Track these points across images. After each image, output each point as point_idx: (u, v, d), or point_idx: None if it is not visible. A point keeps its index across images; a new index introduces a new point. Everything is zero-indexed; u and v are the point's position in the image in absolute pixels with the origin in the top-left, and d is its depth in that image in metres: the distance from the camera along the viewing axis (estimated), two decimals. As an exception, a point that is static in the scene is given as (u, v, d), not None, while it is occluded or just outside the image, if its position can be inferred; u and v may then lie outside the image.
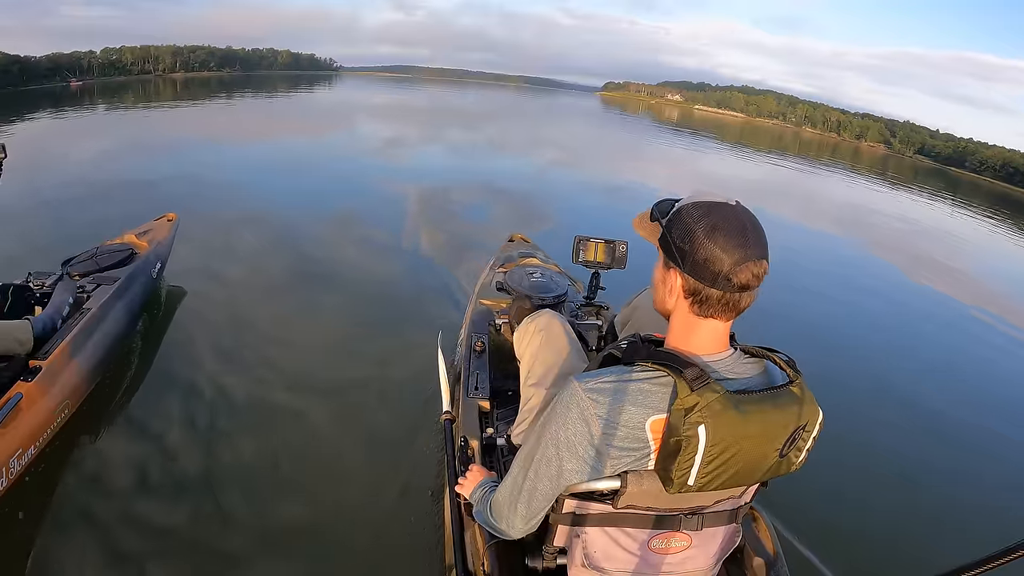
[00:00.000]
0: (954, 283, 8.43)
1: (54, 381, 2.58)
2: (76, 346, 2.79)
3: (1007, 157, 77.74)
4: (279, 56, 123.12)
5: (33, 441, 2.42)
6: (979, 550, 0.76)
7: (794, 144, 53.51)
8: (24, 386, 2.42)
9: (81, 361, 2.80)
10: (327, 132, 16.93)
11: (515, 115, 35.95)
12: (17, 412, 2.34)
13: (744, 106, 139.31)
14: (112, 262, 3.54)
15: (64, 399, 2.63)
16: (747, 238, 0.96)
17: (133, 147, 11.56)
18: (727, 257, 0.96)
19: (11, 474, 2.29)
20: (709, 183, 14.83)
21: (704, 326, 1.03)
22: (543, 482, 1.11)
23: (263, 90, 39.37)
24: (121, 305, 3.30)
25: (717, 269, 0.96)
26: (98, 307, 3.07)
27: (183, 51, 79.64)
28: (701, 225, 0.98)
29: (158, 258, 3.92)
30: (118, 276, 3.41)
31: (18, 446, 2.33)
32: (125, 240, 3.92)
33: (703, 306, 1.01)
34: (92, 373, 2.91)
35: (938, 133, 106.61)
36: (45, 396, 2.51)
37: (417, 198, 8.34)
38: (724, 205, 1.00)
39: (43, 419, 2.48)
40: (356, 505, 2.52)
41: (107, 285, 3.30)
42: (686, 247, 0.99)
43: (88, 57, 58.88)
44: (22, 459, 2.36)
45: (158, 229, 4.22)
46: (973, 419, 4.20)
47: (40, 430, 2.47)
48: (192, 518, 2.38)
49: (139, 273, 3.60)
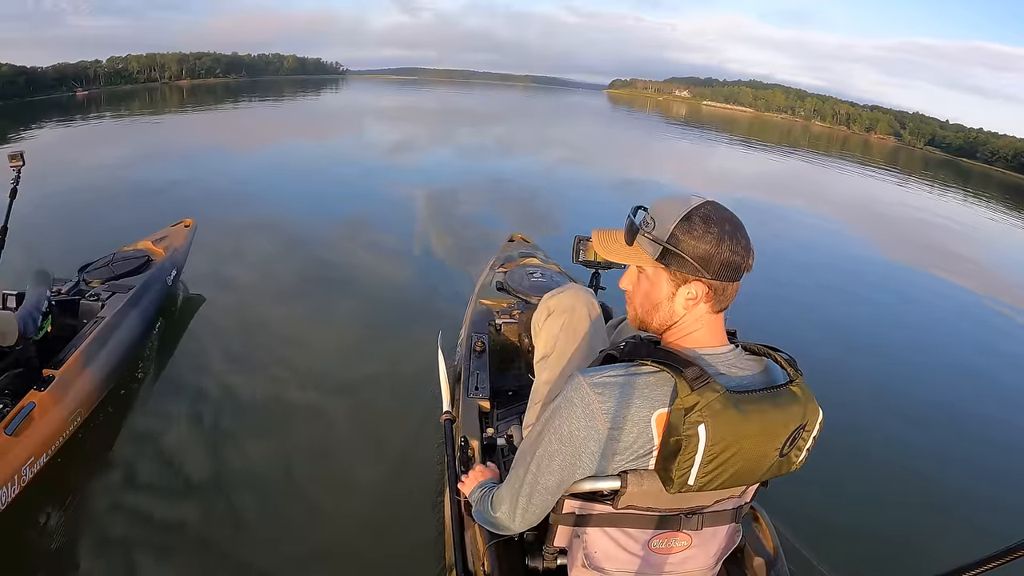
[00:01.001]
0: (962, 275, 8.29)
1: (67, 390, 2.60)
2: (89, 355, 2.80)
3: (1019, 147, 76.37)
4: (285, 61, 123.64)
5: (45, 449, 2.44)
6: (979, 550, 0.76)
7: (804, 138, 53.08)
8: (37, 395, 2.45)
9: (94, 370, 2.82)
10: (335, 136, 17.09)
11: (523, 115, 35.95)
12: (30, 421, 2.36)
13: (753, 101, 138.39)
14: (127, 269, 3.56)
15: (76, 407, 2.65)
16: (740, 229, 1.03)
17: (141, 155, 11.65)
18: (740, 251, 1.01)
19: (23, 481, 2.32)
20: (726, 181, 14.78)
21: (717, 321, 1.07)
22: (545, 476, 1.10)
23: (270, 95, 39.57)
24: (135, 313, 3.31)
25: (736, 266, 1.02)
26: (112, 315, 3.08)
27: (189, 58, 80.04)
28: (712, 232, 1.01)
29: (174, 265, 3.93)
30: (133, 284, 3.42)
31: (30, 454, 2.35)
32: (141, 247, 3.93)
33: (721, 302, 1.05)
34: (105, 381, 2.93)
35: (948, 124, 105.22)
36: (58, 405, 2.52)
37: (423, 201, 8.39)
38: (709, 205, 1.04)
39: (55, 427, 2.50)
40: (356, 505, 2.54)
41: (121, 293, 3.30)
42: (707, 255, 1.01)
43: (94, 67, 59.35)
44: (34, 467, 2.38)
45: (175, 235, 4.23)
46: (974, 418, 4.15)
47: (52, 438, 2.49)
48: (200, 520, 2.40)
49: (154, 281, 3.60)
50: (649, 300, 1.10)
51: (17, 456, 2.28)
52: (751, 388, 1.00)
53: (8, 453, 2.25)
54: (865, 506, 2.93)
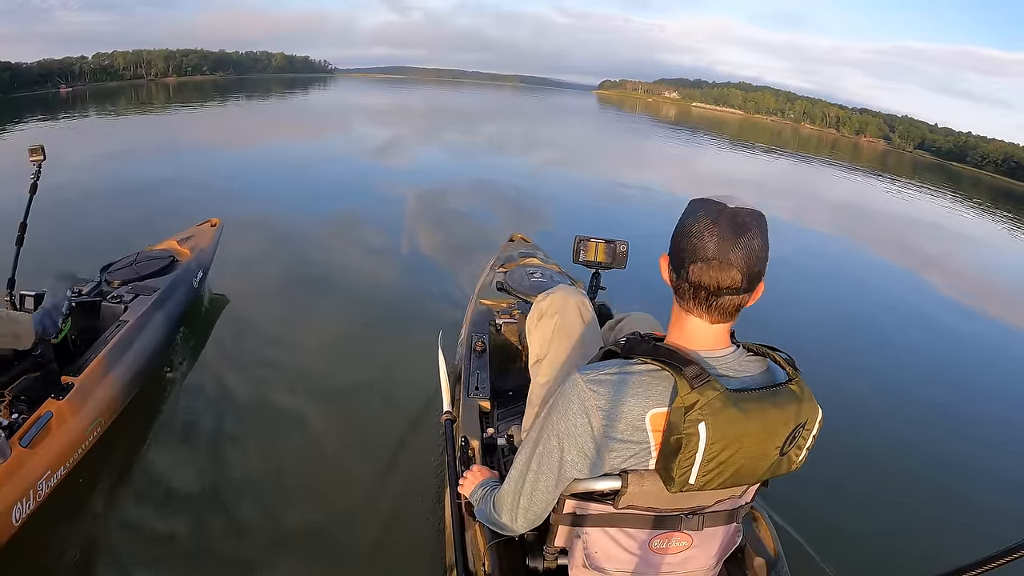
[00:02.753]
0: (957, 280, 8.37)
1: (87, 399, 2.47)
2: (111, 361, 2.67)
3: (1008, 151, 76.90)
4: (273, 59, 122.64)
5: (63, 462, 2.31)
6: (980, 550, 0.77)
7: (793, 140, 53.34)
8: (55, 404, 2.31)
9: (116, 376, 2.68)
10: (327, 134, 16.90)
11: (513, 115, 35.70)
12: (47, 431, 2.23)
13: (742, 103, 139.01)
14: (152, 270, 3.40)
15: (97, 417, 2.52)
16: (734, 240, 0.96)
17: (128, 153, 11.41)
18: (717, 259, 0.96)
19: (39, 496, 2.19)
20: (718, 180, 14.87)
21: (694, 323, 1.03)
22: (545, 475, 1.11)
23: (257, 93, 39.09)
24: (160, 316, 3.16)
25: (691, 256, 0.98)
26: (135, 319, 2.93)
27: (176, 55, 79.17)
28: (703, 224, 0.98)
29: (200, 266, 3.77)
30: (158, 286, 3.27)
31: (47, 467, 2.22)
32: (166, 246, 3.77)
33: (683, 298, 1.03)
34: (127, 389, 2.79)
35: (937, 127, 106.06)
36: (77, 415, 2.39)
37: (418, 201, 8.35)
38: (725, 200, 1.01)
39: (74, 438, 2.37)
40: (357, 505, 2.52)
41: (145, 295, 3.15)
42: (677, 227, 1.03)
43: (80, 63, 58.53)
44: (51, 481, 2.25)
45: (200, 235, 4.06)
46: (975, 418, 4.17)
47: (71, 450, 2.35)
48: (217, 531, 2.36)
49: (180, 283, 3.45)
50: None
51: (33, 470, 2.15)
52: (751, 387, 1.00)
53: (23, 467, 2.12)
54: (866, 506, 2.93)
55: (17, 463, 2.09)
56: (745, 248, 0.96)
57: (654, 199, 10.76)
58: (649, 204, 10.18)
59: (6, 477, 2.04)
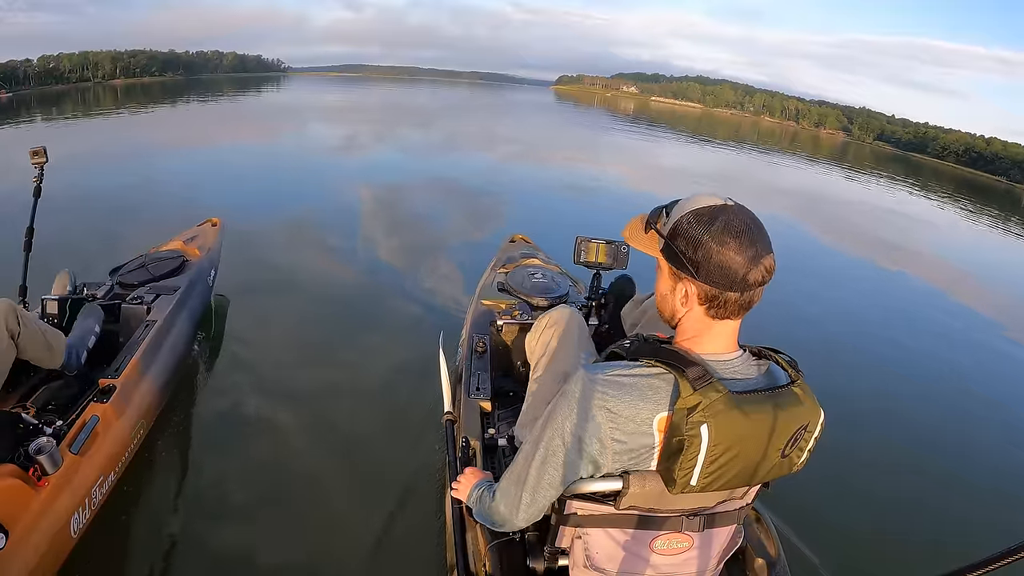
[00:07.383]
0: (954, 282, 8.43)
1: (129, 400, 2.42)
2: (146, 362, 2.62)
3: (969, 142, 77.94)
4: (224, 58, 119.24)
5: (113, 466, 2.26)
6: (981, 551, 0.77)
7: (753, 133, 53.19)
8: (99, 408, 2.25)
9: (153, 377, 2.64)
10: (286, 135, 16.22)
11: (470, 111, 35.14)
12: (95, 437, 2.16)
13: (701, 96, 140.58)
14: (166, 271, 3.34)
15: (139, 418, 2.48)
16: (753, 237, 0.97)
17: (79, 157, 10.76)
18: (741, 260, 0.96)
19: (94, 504, 2.13)
20: (682, 177, 14.86)
21: (719, 328, 1.04)
22: (548, 472, 1.10)
23: (209, 94, 37.79)
24: (184, 315, 3.12)
25: (733, 274, 0.97)
26: (163, 319, 2.88)
27: (123, 56, 76.14)
28: (709, 233, 0.97)
29: (211, 264, 3.73)
30: (177, 285, 3.21)
31: (99, 473, 2.16)
32: (173, 247, 3.70)
33: (720, 309, 1.01)
34: (164, 389, 2.76)
35: (894, 119, 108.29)
36: (121, 417, 2.35)
37: (427, 201, 8.32)
38: (724, 208, 1.00)
39: (121, 441, 2.33)
40: (358, 505, 2.52)
41: (168, 295, 3.08)
42: (698, 256, 0.99)
43: (24, 66, 55.84)
44: (103, 486, 2.19)
45: (204, 235, 4.00)
46: (977, 419, 4.19)
47: (120, 454, 2.31)
48: (266, 527, 2.37)
49: (197, 281, 3.40)
50: (659, 291, 1.10)
51: (87, 476, 2.09)
52: (754, 389, 1.00)
53: (77, 474, 2.04)
54: (867, 508, 2.94)
55: (72, 470, 2.01)
56: (762, 228, 0.99)
57: (625, 198, 10.57)
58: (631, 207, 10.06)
59: (62, 486, 1.95)
